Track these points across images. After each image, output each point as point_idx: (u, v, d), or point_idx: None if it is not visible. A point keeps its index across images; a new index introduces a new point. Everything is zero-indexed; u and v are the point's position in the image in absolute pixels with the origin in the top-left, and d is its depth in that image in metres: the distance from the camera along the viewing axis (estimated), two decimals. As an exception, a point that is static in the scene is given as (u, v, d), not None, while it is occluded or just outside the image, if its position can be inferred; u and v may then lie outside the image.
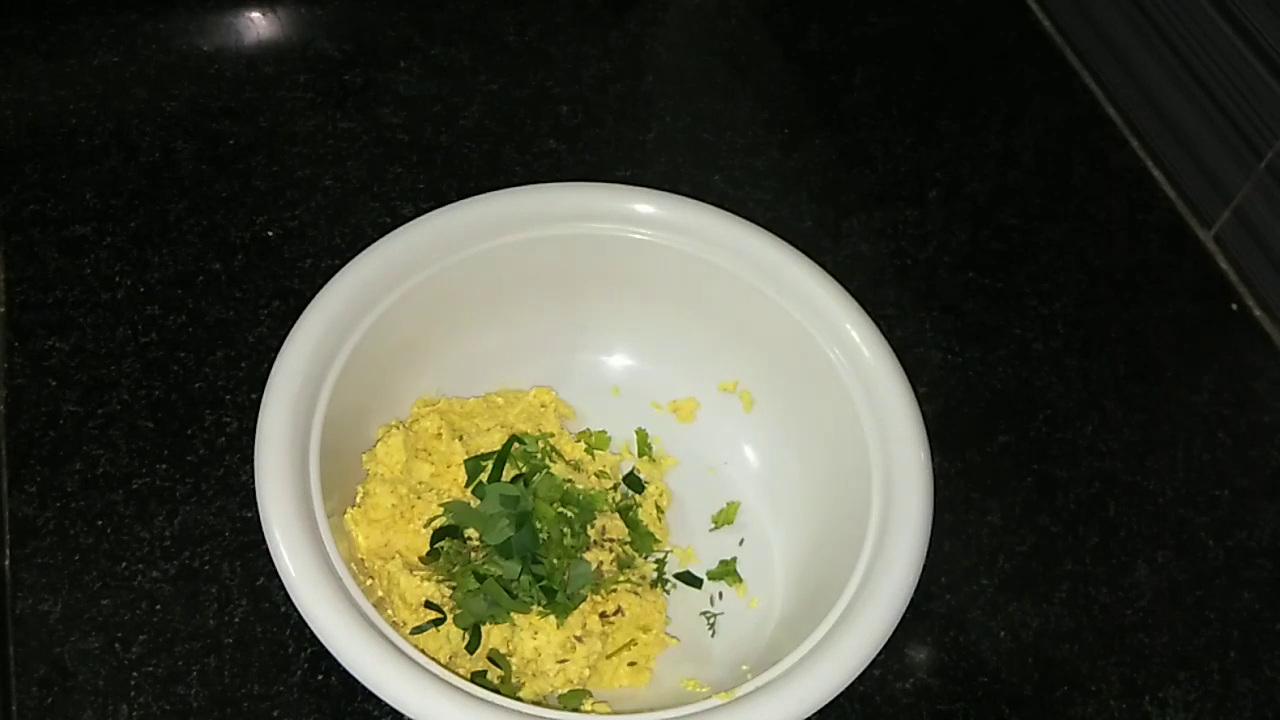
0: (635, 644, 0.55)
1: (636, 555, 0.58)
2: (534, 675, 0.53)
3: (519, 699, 0.48)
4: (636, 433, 0.62)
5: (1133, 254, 0.77)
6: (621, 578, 0.55)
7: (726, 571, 0.59)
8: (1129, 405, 0.70)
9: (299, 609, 0.46)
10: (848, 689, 0.47)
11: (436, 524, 0.55)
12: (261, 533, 0.48)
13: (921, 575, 0.51)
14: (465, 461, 0.57)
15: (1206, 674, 0.60)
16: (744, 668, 0.52)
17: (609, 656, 0.54)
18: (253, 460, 0.50)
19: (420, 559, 0.55)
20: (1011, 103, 0.84)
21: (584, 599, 0.54)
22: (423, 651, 0.47)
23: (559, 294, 0.62)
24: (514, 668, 0.53)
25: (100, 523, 0.58)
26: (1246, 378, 0.72)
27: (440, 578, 0.54)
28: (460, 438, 0.58)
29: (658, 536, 0.59)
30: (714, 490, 0.61)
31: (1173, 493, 0.66)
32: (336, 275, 0.56)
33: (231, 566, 0.57)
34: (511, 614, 0.53)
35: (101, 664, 0.54)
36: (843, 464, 0.56)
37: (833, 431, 0.57)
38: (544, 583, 0.53)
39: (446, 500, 0.56)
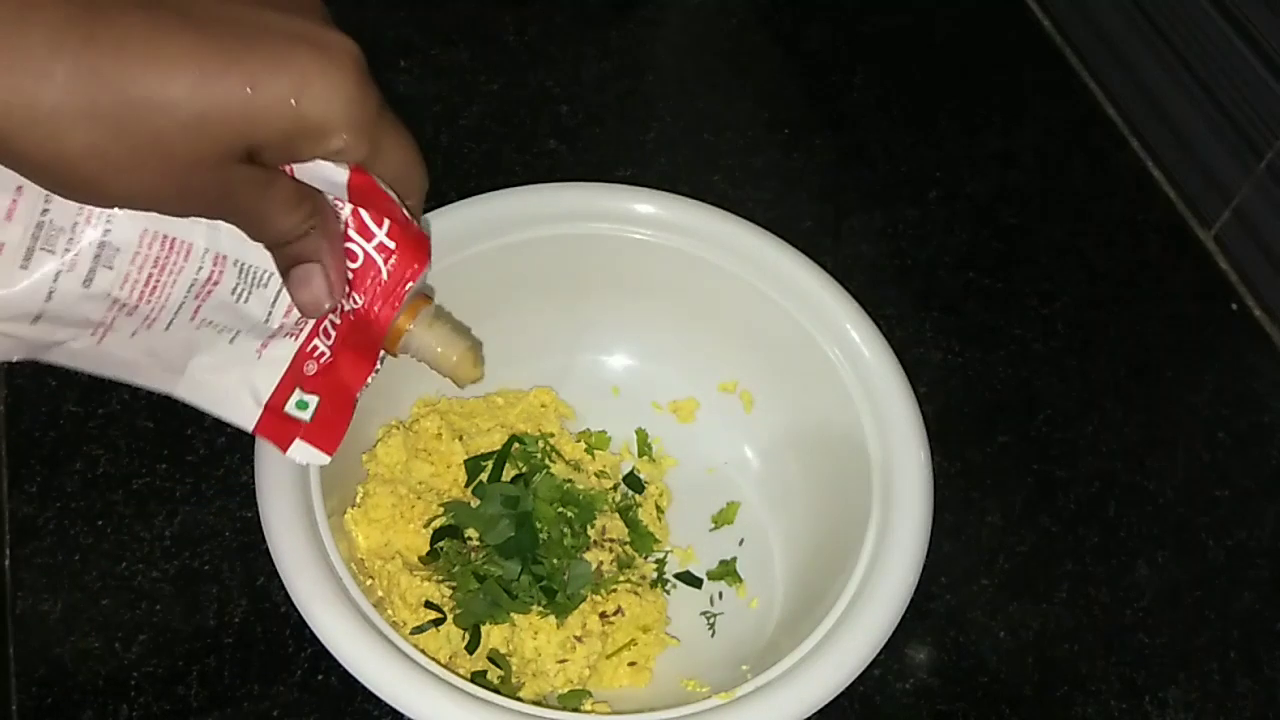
0: (635, 644, 0.55)
1: (636, 555, 0.58)
2: (534, 675, 0.53)
3: (519, 699, 0.48)
4: (636, 433, 0.62)
5: (1133, 254, 0.77)
6: (621, 578, 0.55)
7: (726, 571, 0.59)
8: (1129, 405, 0.70)
9: (299, 609, 0.46)
10: (848, 689, 0.47)
11: (436, 524, 0.55)
12: (261, 533, 0.48)
13: (921, 575, 0.51)
14: (465, 461, 0.57)
15: (1206, 674, 0.60)
16: (744, 668, 0.52)
17: (609, 656, 0.54)
18: (253, 460, 0.50)
19: (420, 559, 0.55)
20: (1011, 103, 0.84)
21: (584, 599, 0.54)
22: (423, 651, 0.47)
23: (559, 294, 0.62)
24: (514, 668, 0.53)
25: (100, 523, 0.58)
26: (1246, 378, 0.72)
27: (440, 578, 0.54)
28: (460, 438, 0.58)
29: (658, 536, 0.59)
30: (714, 490, 0.62)
31: (1173, 493, 0.66)
32: (336, 275, 0.55)
33: (231, 566, 0.57)
34: (511, 614, 0.53)
35: (101, 664, 0.54)
36: (843, 464, 0.56)
37: (833, 432, 0.57)
38: (544, 583, 0.53)
39: (446, 500, 0.56)
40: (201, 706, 0.53)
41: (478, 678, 0.52)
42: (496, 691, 0.46)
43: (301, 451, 0.46)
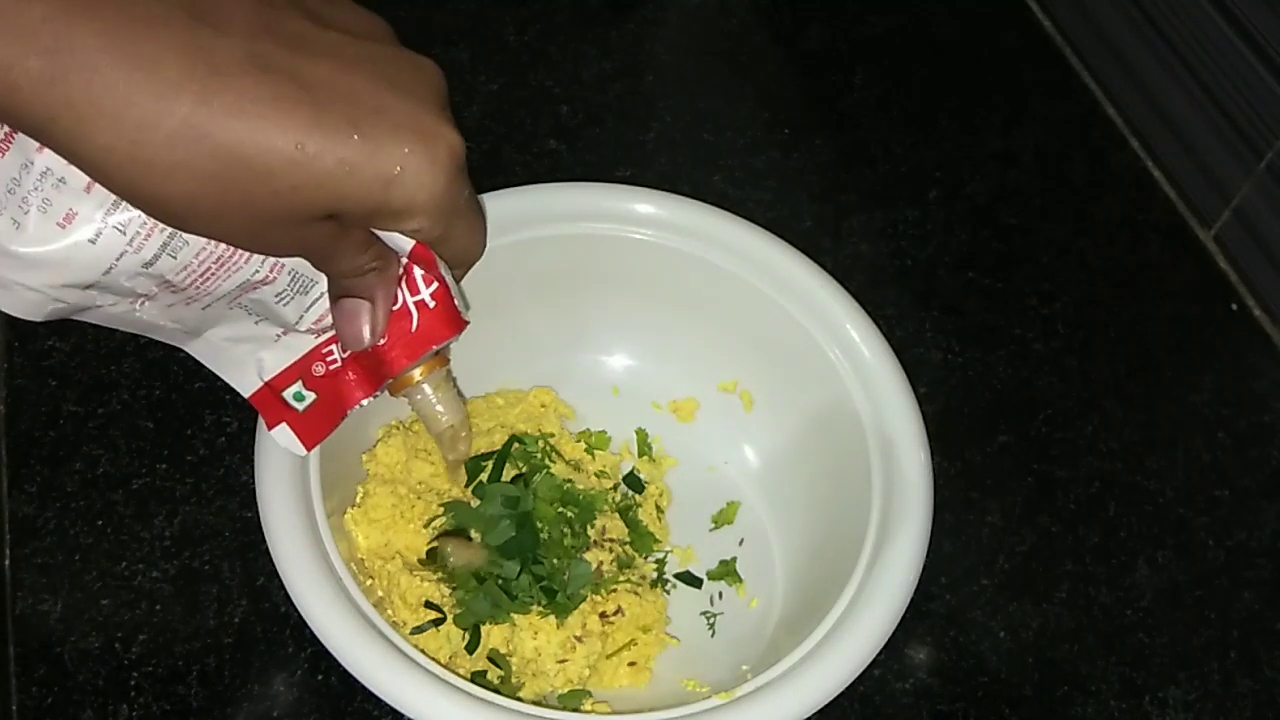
0: (635, 644, 0.55)
1: (636, 555, 0.58)
2: (534, 675, 0.53)
3: (519, 699, 0.48)
4: (636, 433, 0.62)
5: (1133, 254, 0.77)
6: (621, 578, 0.55)
7: (726, 571, 0.59)
8: (1129, 405, 0.70)
9: (299, 609, 0.46)
10: (848, 689, 0.47)
11: (436, 524, 0.55)
12: (261, 533, 0.48)
13: (921, 575, 0.51)
14: (465, 461, 0.57)
15: (1206, 674, 0.60)
16: (744, 668, 0.52)
17: (609, 656, 0.54)
18: (253, 460, 0.50)
19: (420, 559, 0.55)
20: (1011, 103, 0.84)
21: (584, 599, 0.54)
22: (423, 651, 0.47)
23: (559, 294, 0.62)
24: (514, 668, 0.53)
25: (100, 523, 0.58)
26: (1246, 378, 0.72)
27: (440, 577, 0.54)
28: (460, 438, 0.58)
29: (658, 536, 0.59)
30: (714, 490, 0.62)
31: (1173, 493, 0.66)
32: (336, 275, 0.55)
33: (231, 566, 0.57)
34: (511, 614, 0.53)
35: (101, 664, 0.54)
36: (843, 464, 0.56)
37: (833, 432, 0.57)
38: (544, 583, 0.53)
39: (446, 500, 0.56)
40: (201, 706, 0.53)
41: (478, 678, 0.52)
42: (496, 691, 0.46)
43: (284, 435, 0.48)
